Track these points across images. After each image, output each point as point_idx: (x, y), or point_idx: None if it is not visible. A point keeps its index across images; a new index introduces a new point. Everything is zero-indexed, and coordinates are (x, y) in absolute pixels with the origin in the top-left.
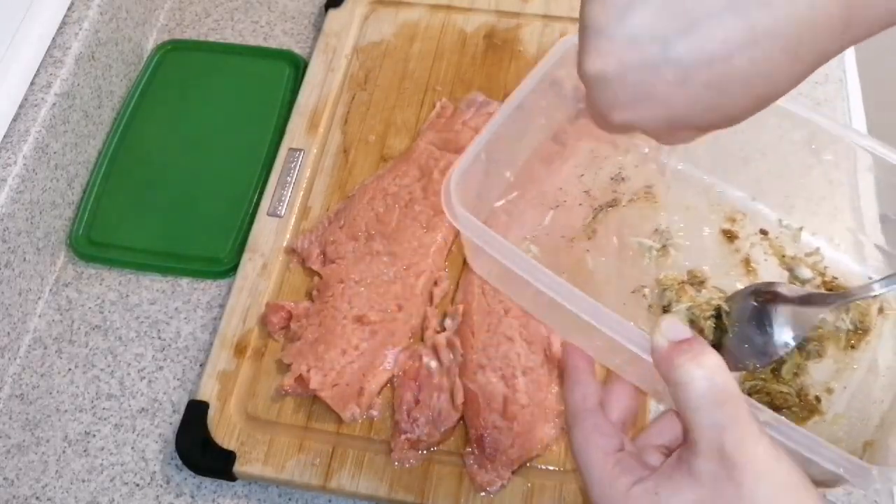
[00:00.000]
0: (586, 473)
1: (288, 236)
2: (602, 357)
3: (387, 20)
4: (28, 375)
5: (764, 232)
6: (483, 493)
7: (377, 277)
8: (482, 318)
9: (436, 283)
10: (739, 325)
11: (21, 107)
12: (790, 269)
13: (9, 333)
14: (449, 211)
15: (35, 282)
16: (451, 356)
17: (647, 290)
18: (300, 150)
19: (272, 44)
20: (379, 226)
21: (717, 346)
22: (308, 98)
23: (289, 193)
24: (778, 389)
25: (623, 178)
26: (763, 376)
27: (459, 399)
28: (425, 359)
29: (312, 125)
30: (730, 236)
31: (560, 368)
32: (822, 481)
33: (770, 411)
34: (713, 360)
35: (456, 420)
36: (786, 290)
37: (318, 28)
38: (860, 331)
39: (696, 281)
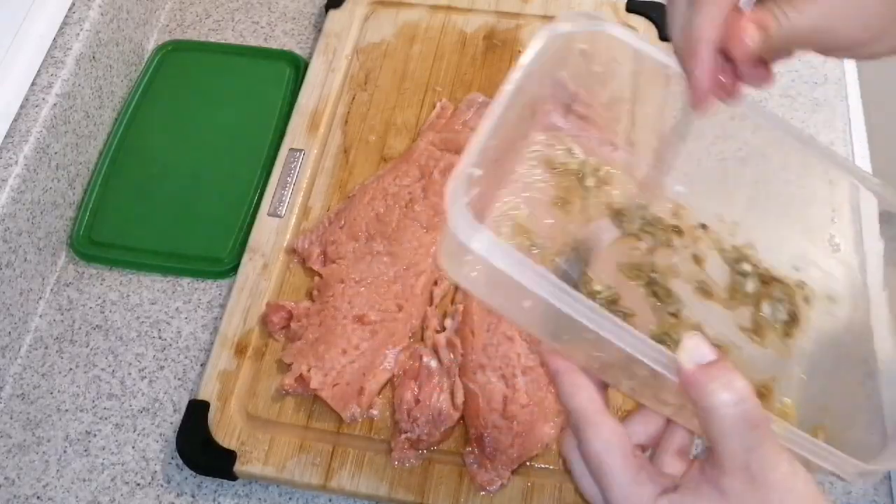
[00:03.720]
0: (606, 479)
1: (288, 236)
2: (609, 375)
3: (387, 21)
4: (29, 375)
5: (704, 226)
6: (483, 493)
7: (377, 277)
8: (482, 318)
9: (436, 283)
10: None
11: (22, 107)
12: (732, 263)
13: (10, 333)
14: (464, 233)
15: (36, 282)
16: (451, 356)
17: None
18: (301, 150)
19: (273, 44)
20: (379, 226)
21: None
22: (308, 98)
23: (289, 193)
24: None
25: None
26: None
27: (459, 399)
28: (425, 359)
29: (313, 125)
30: (676, 231)
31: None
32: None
33: (783, 422)
34: (742, 384)
35: (456, 420)
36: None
37: (318, 28)
38: (792, 321)
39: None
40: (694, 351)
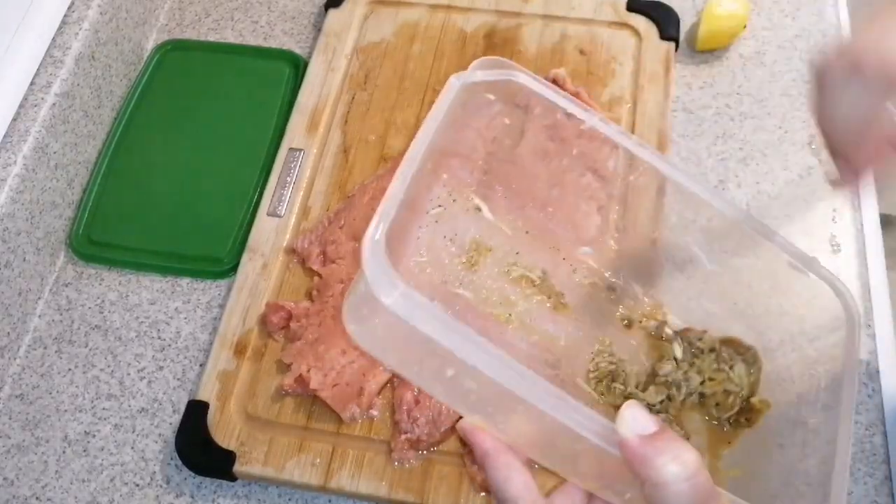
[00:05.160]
0: None
1: (288, 236)
2: (536, 451)
3: (387, 20)
4: (28, 375)
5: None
6: (483, 493)
7: None
8: None
9: None
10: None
11: (21, 107)
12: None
13: (9, 333)
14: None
15: (35, 282)
16: None
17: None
18: (300, 150)
19: (272, 44)
20: None
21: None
22: (308, 98)
23: (289, 193)
24: None
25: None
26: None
27: None
28: None
29: (312, 125)
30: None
31: (476, 457)
32: None
33: (728, 494)
34: (691, 455)
35: (456, 420)
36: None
37: (318, 28)
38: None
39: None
40: (633, 421)
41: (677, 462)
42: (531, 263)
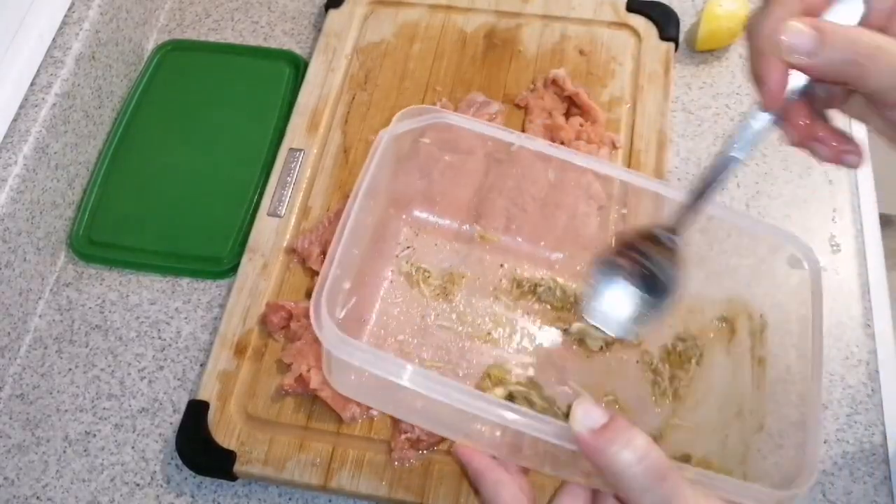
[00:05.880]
0: None
1: (288, 236)
2: (523, 459)
3: (387, 20)
4: (28, 375)
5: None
6: None
7: None
8: None
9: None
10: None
11: (21, 107)
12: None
13: (9, 333)
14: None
15: (35, 282)
16: None
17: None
18: (300, 150)
19: (272, 44)
20: None
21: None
22: (308, 98)
23: (289, 193)
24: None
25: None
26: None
27: None
28: None
29: (313, 125)
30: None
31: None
32: None
33: (691, 468)
34: (641, 440)
35: None
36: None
37: (318, 28)
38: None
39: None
40: (585, 416)
41: (628, 448)
42: (517, 273)
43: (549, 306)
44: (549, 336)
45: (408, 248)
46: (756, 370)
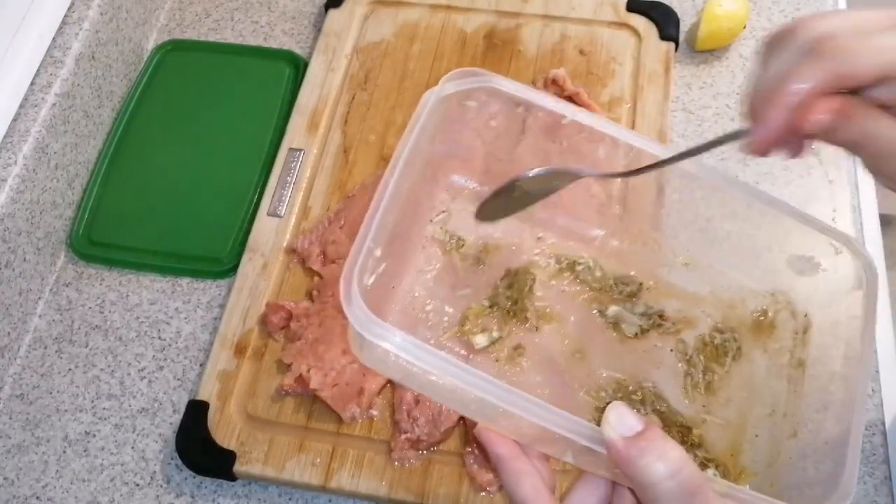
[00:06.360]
0: None
1: (288, 236)
2: (546, 447)
3: (387, 20)
4: (28, 375)
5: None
6: (483, 493)
7: None
8: None
9: None
10: None
11: (21, 107)
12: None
13: (9, 333)
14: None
15: (35, 282)
16: None
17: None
18: (300, 150)
19: (272, 44)
20: None
21: None
22: (308, 98)
23: (289, 193)
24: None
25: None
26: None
27: None
28: None
29: (312, 125)
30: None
31: (489, 458)
32: None
33: (722, 480)
34: (676, 453)
35: (456, 420)
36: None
37: (318, 28)
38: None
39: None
40: (619, 423)
41: (662, 461)
42: (556, 247)
43: (587, 286)
44: (584, 317)
45: (443, 212)
46: (794, 372)
